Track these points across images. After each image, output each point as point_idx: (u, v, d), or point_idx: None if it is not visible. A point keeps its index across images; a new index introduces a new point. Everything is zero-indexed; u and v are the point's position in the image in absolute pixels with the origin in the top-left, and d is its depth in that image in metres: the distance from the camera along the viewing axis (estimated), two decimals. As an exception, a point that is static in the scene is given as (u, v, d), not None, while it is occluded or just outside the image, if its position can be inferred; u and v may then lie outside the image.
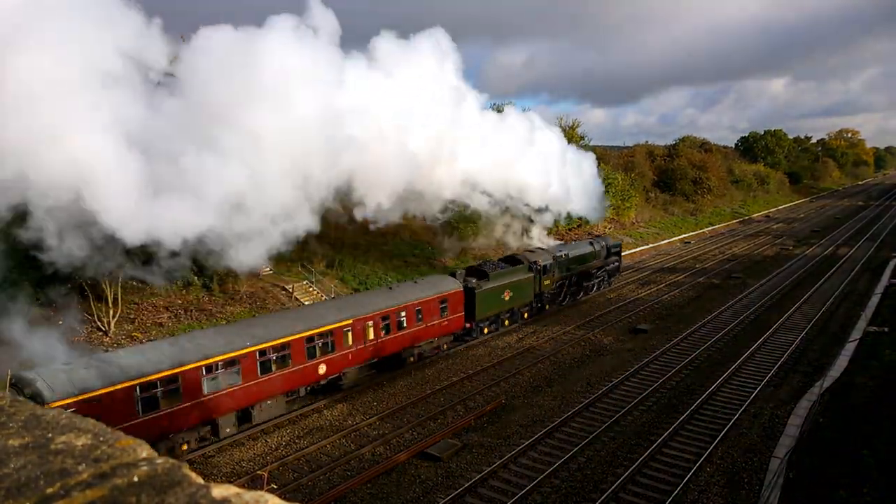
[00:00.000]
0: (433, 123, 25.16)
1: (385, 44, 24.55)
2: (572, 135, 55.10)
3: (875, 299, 32.39)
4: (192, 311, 26.09)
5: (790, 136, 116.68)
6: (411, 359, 23.83)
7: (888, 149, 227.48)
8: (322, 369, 19.98)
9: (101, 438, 1.31)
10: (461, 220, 39.52)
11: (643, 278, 40.50)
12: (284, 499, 1.20)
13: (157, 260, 20.71)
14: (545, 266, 30.42)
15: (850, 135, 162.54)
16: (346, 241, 35.34)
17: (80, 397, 14.31)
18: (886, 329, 25.54)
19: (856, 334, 25.99)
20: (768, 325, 28.47)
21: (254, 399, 18.08)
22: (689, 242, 57.84)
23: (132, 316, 24.73)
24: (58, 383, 14.39)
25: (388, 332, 22.28)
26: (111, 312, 23.43)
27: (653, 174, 69.75)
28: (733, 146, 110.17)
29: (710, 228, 66.08)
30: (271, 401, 18.74)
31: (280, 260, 32.96)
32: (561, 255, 31.87)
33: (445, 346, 25.66)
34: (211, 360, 16.80)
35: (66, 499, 1.05)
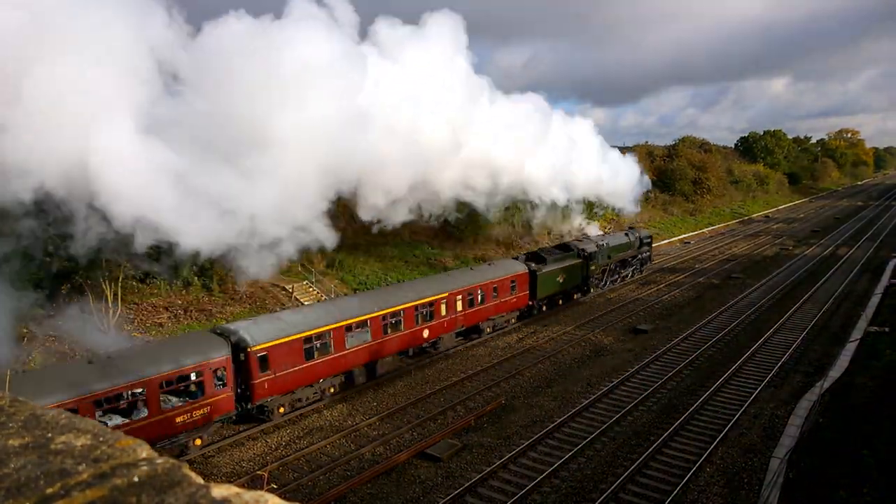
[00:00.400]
0: (448, 114, 25.87)
1: (389, 29, 24.52)
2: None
3: (875, 299, 32.38)
4: (191, 311, 26.09)
5: (790, 137, 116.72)
6: (488, 329, 27.98)
7: (888, 149, 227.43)
8: (426, 333, 24.09)
9: (101, 438, 1.31)
10: (461, 222, 39.57)
11: (643, 278, 40.48)
12: (284, 499, 1.20)
13: (164, 257, 21.06)
14: (591, 253, 33.93)
15: (849, 135, 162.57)
16: (346, 241, 35.32)
17: (270, 344, 18.02)
18: (887, 329, 25.53)
19: (856, 334, 25.98)
20: (769, 325, 28.46)
21: (378, 355, 21.91)
22: (689, 242, 57.88)
23: (131, 316, 24.72)
24: (254, 333, 17.90)
25: (471, 306, 26.50)
26: (111, 312, 23.41)
27: (652, 174, 69.77)
28: (733, 146, 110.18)
29: (709, 228, 66.14)
30: (390, 357, 22.62)
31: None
32: (603, 245, 35.36)
33: (513, 321, 29.63)
34: (351, 321, 20.60)
35: (66, 499, 1.05)
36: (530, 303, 29.80)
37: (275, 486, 14.99)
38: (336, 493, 14.79)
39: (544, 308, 31.23)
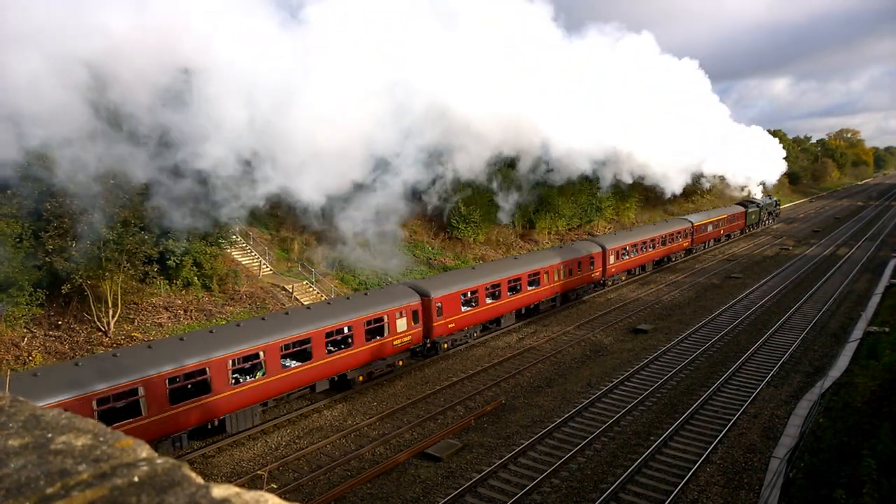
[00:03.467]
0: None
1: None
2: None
3: (875, 299, 32.37)
4: (191, 311, 26.08)
5: (790, 137, 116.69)
6: (727, 237, 56.09)
7: (888, 148, 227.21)
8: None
9: (101, 439, 1.31)
10: (461, 221, 39.59)
11: (643, 278, 40.50)
12: (284, 499, 1.20)
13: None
14: (762, 206, 65.17)
15: (849, 134, 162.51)
16: (346, 240, 35.32)
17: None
18: (887, 329, 25.53)
19: (856, 334, 25.98)
20: (769, 325, 28.46)
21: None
22: (689, 242, 57.97)
23: (132, 316, 24.71)
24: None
25: (730, 223, 56.18)
26: (111, 313, 23.41)
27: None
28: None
29: (709, 228, 66.13)
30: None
31: (280, 259, 32.98)
32: (764, 203, 66.06)
33: (739, 233, 59.37)
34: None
35: (66, 499, 1.05)
36: (745, 227, 60.01)
37: (275, 486, 14.98)
38: (336, 493, 14.79)
39: (748, 231, 61.51)
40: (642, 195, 60.01)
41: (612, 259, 35.91)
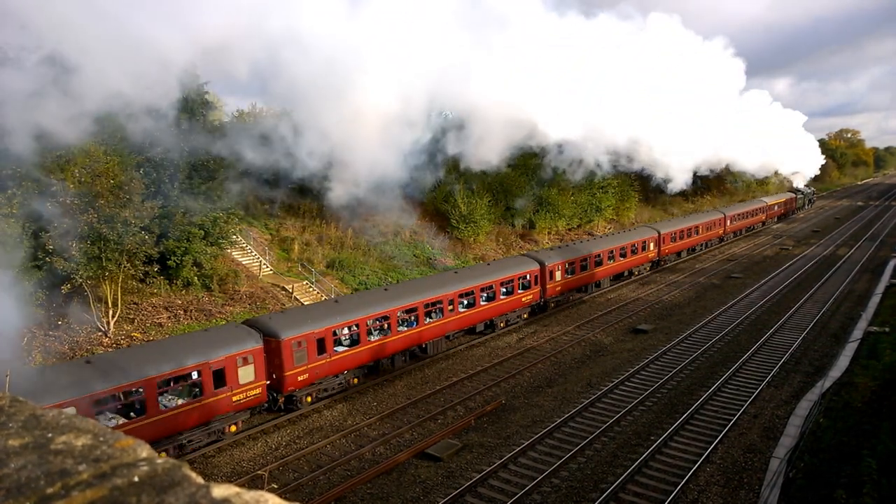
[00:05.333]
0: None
1: None
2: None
3: (875, 299, 32.36)
4: (191, 311, 26.07)
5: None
6: (784, 216, 72.83)
7: (888, 149, 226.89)
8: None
9: (101, 439, 1.31)
10: (461, 221, 39.63)
11: (643, 278, 40.49)
12: (284, 499, 1.20)
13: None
14: (806, 194, 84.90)
15: (849, 135, 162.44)
16: (345, 241, 35.36)
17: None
18: (887, 329, 25.53)
19: (856, 334, 25.97)
20: (769, 325, 28.45)
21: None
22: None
23: (131, 316, 24.71)
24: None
25: (782, 208, 71.66)
26: (111, 313, 23.40)
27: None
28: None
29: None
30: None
31: (280, 259, 32.99)
32: (806, 191, 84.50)
33: (791, 213, 76.41)
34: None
35: (66, 499, 1.05)
36: (795, 209, 76.54)
37: (275, 486, 14.99)
38: (336, 493, 14.79)
39: (797, 212, 78.34)
40: (642, 195, 60.04)
41: (728, 223, 52.80)
